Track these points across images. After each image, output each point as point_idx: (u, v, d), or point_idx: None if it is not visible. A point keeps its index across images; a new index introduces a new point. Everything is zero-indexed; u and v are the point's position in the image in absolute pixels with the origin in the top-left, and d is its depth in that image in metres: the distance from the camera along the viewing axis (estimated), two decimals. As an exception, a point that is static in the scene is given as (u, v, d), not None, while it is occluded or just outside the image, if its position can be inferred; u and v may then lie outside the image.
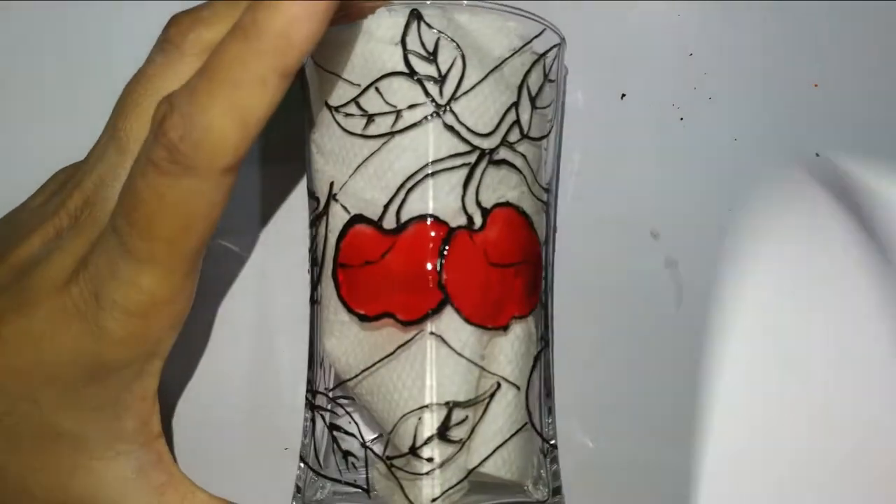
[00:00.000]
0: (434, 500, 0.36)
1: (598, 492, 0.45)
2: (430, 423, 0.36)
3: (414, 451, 0.36)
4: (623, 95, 0.48)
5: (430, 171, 0.36)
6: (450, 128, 0.36)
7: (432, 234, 0.36)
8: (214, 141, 0.31)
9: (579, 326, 0.45)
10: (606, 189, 0.47)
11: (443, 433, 0.36)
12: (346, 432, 0.38)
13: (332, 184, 0.38)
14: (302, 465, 0.40)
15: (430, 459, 0.36)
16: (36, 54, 0.48)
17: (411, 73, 0.36)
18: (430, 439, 0.36)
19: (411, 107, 0.36)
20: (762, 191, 0.47)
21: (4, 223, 0.41)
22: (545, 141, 0.40)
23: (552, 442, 0.41)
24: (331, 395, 0.39)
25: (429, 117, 0.36)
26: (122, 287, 0.33)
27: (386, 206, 0.36)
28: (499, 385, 0.37)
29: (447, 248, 0.36)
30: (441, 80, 0.36)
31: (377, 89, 0.37)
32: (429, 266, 0.36)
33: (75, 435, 0.36)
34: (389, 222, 0.36)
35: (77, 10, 0.48)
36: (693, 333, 0.46)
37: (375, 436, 0.40)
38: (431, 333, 0.36)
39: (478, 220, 0.37)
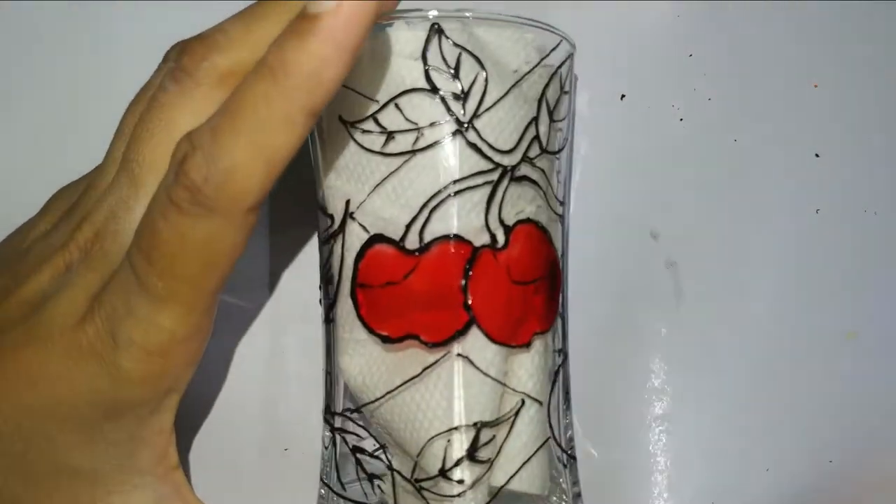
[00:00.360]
0: (465, 521, 0.36)
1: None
2: (460, 445, 0.36)
3: (444, 473, 0.36)
4: (623, 96, 0.48)
5: (453, 191, 0.36)
6: (472, 145, 0.36)
7: (457, 254, 0.36)
8: (238, 182, 0.31)
9: (579, 330, 0.45)
10: (606, 189, 0.47)
11: (472, 454, 0.36)
12: (371, 455, 0.38)
13: (348, 202, 0.37)
14: (324, 488, 0.39)
15: (460, 481, 0.36)
16: (34, 58, 0.47)
17: (433, 90, 0.35)
18: (460, 461, 0.35)
19: (433, 124, 0.35)
20: (762, 191, 0.47)
21: (6, 250, 0.40)
22: (563, 153, 0.40)
23: (572, 452, 0.41)
24: (351, 416, 0.38)
25: (452, 135, 0.35)
26: (140, 326, 0.33)
27: (408, 226, 0.36)
28: (523, 402, 0.37)
29: (472, 268, 0.35)
30: (464, 96, 0.35)
31: (397, 105, 0.36)
32: (454, 287, 0.35)
33: (91, 470, 0.36)
34: (412, 242, 0.36)
35: (74, 13, 0.47)
36: (694, 334, 0.46)
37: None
38: (458, 355, 0.36)
39: (501, 239, 0.36)
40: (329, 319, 0.39)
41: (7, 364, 0.35)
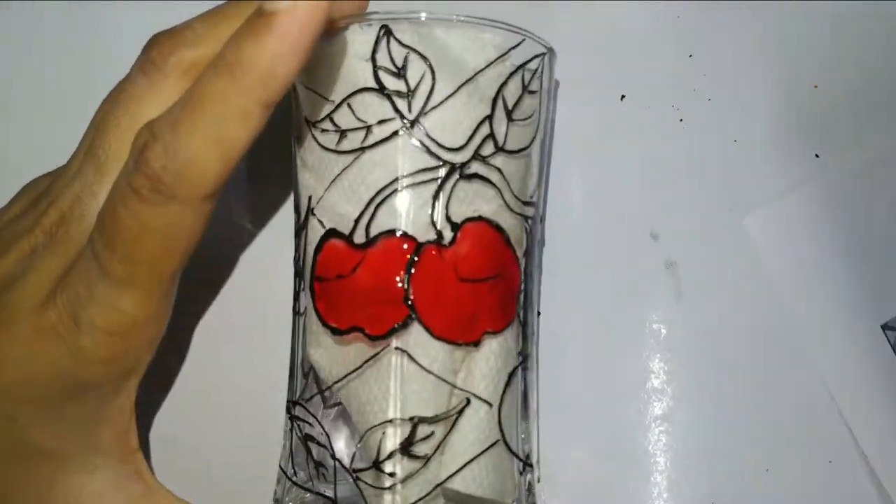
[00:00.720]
0: (396, 513, 0.36)
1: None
2: (394, 438, 0.36)
3: (377, 464, 0.36)
4: (623, 97, 0.47)
5: (399, 187, 0.36)
6: (419, 143, 0.36)
7: (400, 249, 0.36)
8: (196, 171, 0.32)
9: (579, 330, 0.46)
10: (606, 190, 0.47)
11: (406, 448, 0.36)
12: (319, 443, 0.39)
13: (310, 198, 0.38)
14: (280, 472, 0.40)
15: (391, 474, 0.36)
16: (33, 58, 0.49)
17: (381, 89, 0.36)
18: (392, 454, 0.36)
19: (381, 122, 0.36)
20: (762, 192, 0.47)
21: None
22: (526, 153, 0.40)
23: (528, 459, 0.41)
24: (306, 405, 0.39)
25: (398, 133, 0.36)
26: (101, 310, 0.34)
27: (356, 221, 0.37)
28: (468, 401, 0.37)
29: (415, 263, 0.36)
30: (410, 95, 0.36)
31: (349, 105, 0.37)
32: (396, 281, 0.36)
33: (53, 450, 0.37)
34: (360, 237, 0.37)
35: (74, 13, 0.49)
36: (694, 334, 0.46)
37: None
38: (396, 348, 0.36)
39: (447, 235, 0.37)
40: (297, 311, 0.40)
41: None
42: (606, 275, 0.47)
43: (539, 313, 0.45)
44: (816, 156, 0.46)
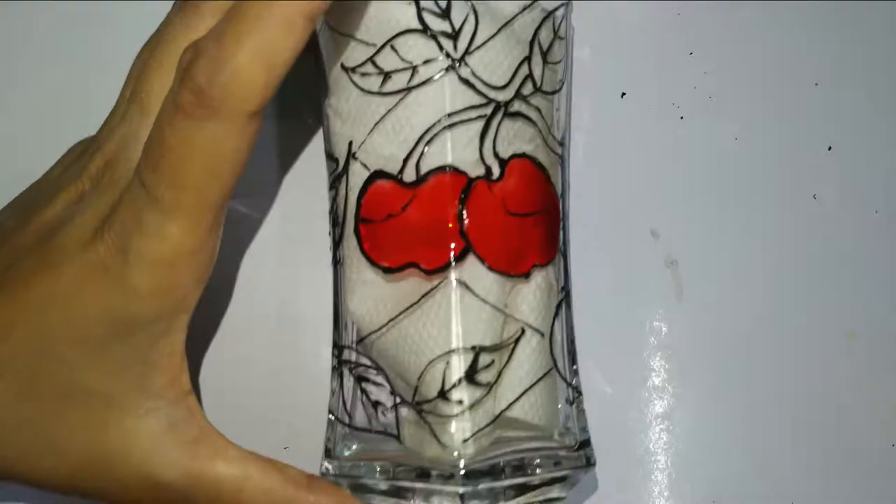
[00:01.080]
0: (465, 440, 0.36)
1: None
2: (458, 367, 0.36)
3: (443, 394, 0.36)
4: (623, 94, 0.48)
5: (447, 124, 0.37)
6: (465, 81, 0.37)
7: (452, 184, 0.36)
8: (242, 84, 0.32)
9: (579, 328, 0.45)
10: (607, 188, 0.47)
11: (471, 376, 0.36)
12: (375, 382, 0.38)
13: (350, 143, 0.38)
14: (331, 419, 0.40)
15: (459, 402, 0.36)
16: (32, 59, 0.49)
17: (425, 30, 0.37)
18: (458, 382, 0.36)
19: (427, 62, 0.37)
20: (762, 191, 0.48)
21: (27, 193, 0.41)
22: (557, 96, 0.41)
23: (578, 389, 0.40)
24: (357, 347, 0.39)
25: (444, 71, 0.37)
26: (148, 239, 0.33)
27: (405, 160, 0.37)
28: (523, 331, 0.37)
29: (467, 197, 0.36)
30: (455, 35, 0.37)
31: (392, 47, 0.37)
32: (450, 215, 0.36)
33: (104, 393, 0.36)
34: (409, 175, 0.37)
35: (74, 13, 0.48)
36: (694, 332, 0.46)
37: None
38: (457, 280, 0.36)
39: (496, 171, 0.37)
40: (336, 261, 0.40)
41: (22, 290, 0.36)
42: (607, 273, 0.47)
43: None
44: (817, 154, 0.48)
